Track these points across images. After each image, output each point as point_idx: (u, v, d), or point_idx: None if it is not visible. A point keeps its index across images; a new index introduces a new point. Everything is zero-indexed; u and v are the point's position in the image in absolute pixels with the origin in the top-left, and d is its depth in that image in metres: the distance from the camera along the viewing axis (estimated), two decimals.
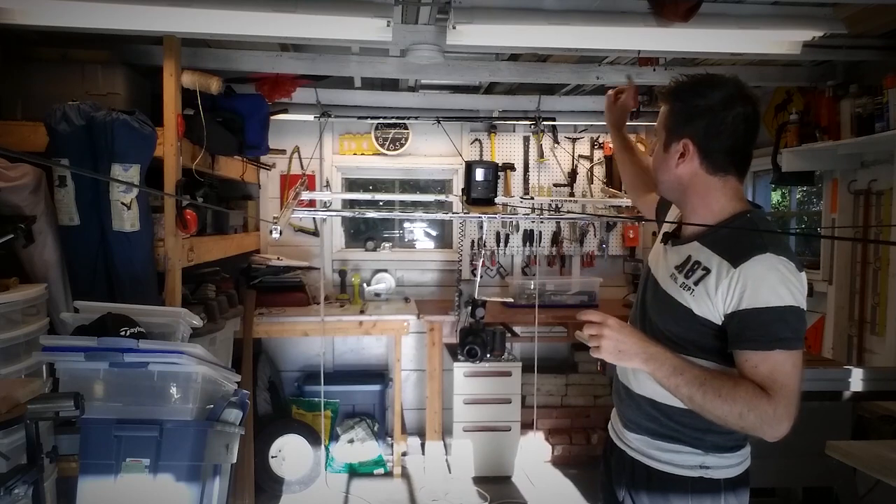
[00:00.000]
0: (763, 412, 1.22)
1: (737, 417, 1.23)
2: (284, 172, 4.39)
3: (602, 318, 1.31)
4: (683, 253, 1.42)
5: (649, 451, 1.47)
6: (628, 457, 1.51)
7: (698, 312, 1.33)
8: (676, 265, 1.42)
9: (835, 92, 3.13)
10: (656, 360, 1.29)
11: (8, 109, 2.68)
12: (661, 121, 1.45)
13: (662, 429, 1.44)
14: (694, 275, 1.36)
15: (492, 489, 3.76)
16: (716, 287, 1.30)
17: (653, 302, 1.48)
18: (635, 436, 1.50)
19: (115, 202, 2.43)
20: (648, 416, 1.46)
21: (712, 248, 1.35)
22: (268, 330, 3.81)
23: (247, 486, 3.40)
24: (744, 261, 1.27)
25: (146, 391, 1.91)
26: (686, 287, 1.36)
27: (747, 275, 1.27)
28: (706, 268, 1.34)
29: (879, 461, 1.82)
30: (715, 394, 1.24)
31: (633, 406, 1.49)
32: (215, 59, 3.08)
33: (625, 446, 1.53)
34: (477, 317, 3.78)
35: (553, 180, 4.57)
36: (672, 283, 1.41)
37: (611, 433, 1.64)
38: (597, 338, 1.30)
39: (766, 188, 4.17)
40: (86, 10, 2.33)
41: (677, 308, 1.38)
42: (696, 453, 1.41)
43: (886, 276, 3.06)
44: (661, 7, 2.38)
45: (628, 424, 1.52)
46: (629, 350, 1.30)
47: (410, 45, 2.62)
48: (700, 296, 1.33)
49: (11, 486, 1.55)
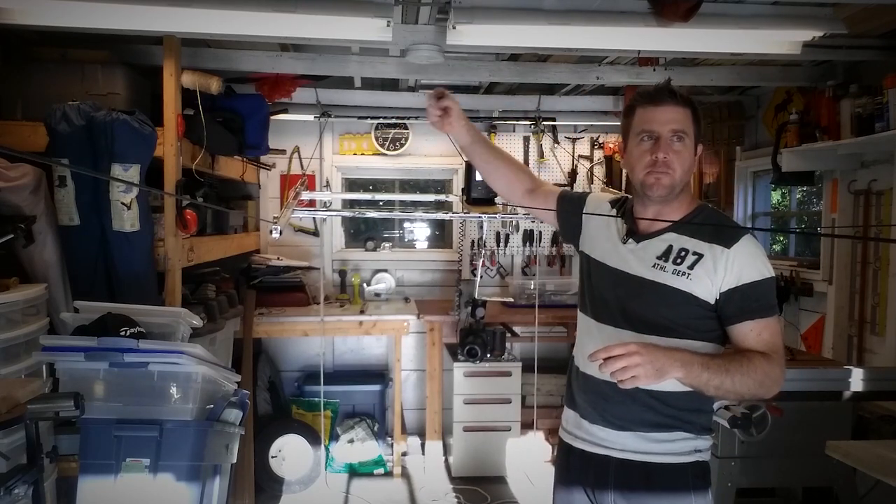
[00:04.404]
0: (775, 375, 1.37)
1: (758, 387, 1.35)
2: (284, 172, 4.39)
3: (624, 347, 1.26)
4: (659, 245, 1.48)
5: (644, 447, 1.47)
6: (614, 460, 1.49)
7: (698, 294, 1.42)
8: (658, 255, 1.47)
9: (835, 92, 3.12)
10: (688, 363, 1.30)
11: (8, 109, 2.68)
12: (683, 121, 1.46)
13: (659, 417, 1.46)
14: (685, 261, 1.44)
15: (492, 489, 3.76)
16: (714, 268, 1.41)
17: (631, 294, 1.49)
18: (627, 433, 1.48)
19: (115, 202, 2.43)
20: (645, 407, 1.46)
21: (696, 236, 1.45)
22: (268, 330, 3.81)
23: (247, 486, 3.40)
24: (734, 242, 1.41)
25: (146, 391, 1.90)
26: (680, 273, 1.43)
27: (741, 253, 1.41)
28: (697, 253, 1.43)
29: (879, 461, 1.82)
30: (740, 373, 1.33)
31: (626, 402, 1.47)
32: (215, 59, 3.08)
33: (606, 449, 1.51)
34: (477, 317, 3.79)
35: (553, 180, 4.57)
36: (659, 272, 1.46)
37: (574, 441, 1.59)
38: (627, 369, 1.24)
39: (766, 188, 4.17)
40: (86, 10, 2.33)
41: (672, 294, 1.43)
42: (690, 438, 1.47)
43: (886, 276, 3.05)
44: (661, 7, 2.38)
45: (615, 423, 1.50)
46: (664, 365, 1.28)
47: (410, 45, 2.62)
48: (698, 278, 1.42)
49: (11, 486, 1.55)
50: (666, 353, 1.29)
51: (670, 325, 1.44)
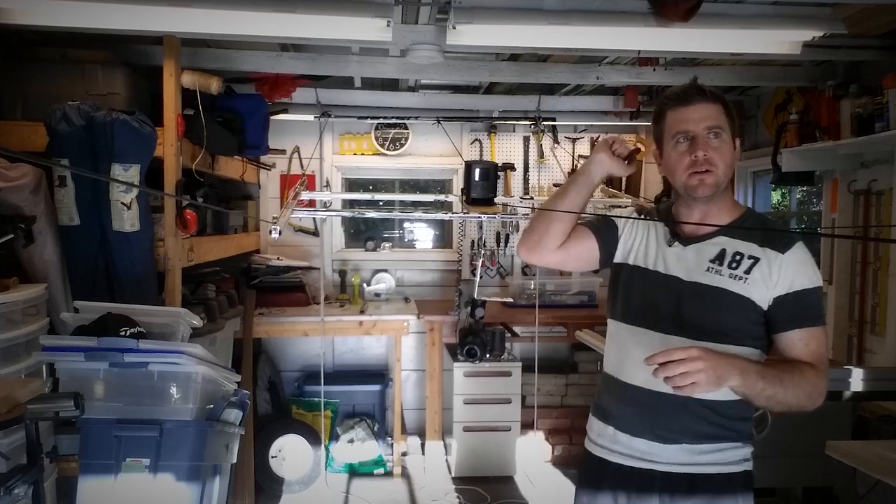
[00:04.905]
0: (822, 388, 1.35)
1: (806, 399, 1.32)
2: (284, 172, 4.39)
3: (684, 352, 1.20)
4: (711, 248, 1.44)
5: (691, 458, 1.42)
6: (660, 473, 1.44)
7: (755, 299, 1.39)
8: (711, 259, 1.43)
9: (835, 92, 3.12)
10: (746, 371, 1.25)
11: (8, 109, 2.68)
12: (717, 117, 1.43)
13: (711, 428, 1.42)
14: (741, 265, 1.40)
15: (492, 489, 3.76)
16: (769, 272, 1.38)
17: (685, 299, 1.43)
18: (674, 447, 1.43)
19: (115, 202, 2.43)
20: (698, 418, 1.41)
21: (749, 239, 1.42)
22: (268, 330, 3.81)
23: (247, 486, 3.40)
24: (789, 248, 1.39)
25: (146, 391, 1.91)
26: (737, 277, 1.40)
27: (795, 260, 1.38)
28: (753, 257, 1.40)
29: (879, 461, 1.81)
30: (793, 385, 1.30)
31: (677, 413, 1.42)
32: (215, 59, 3.08)
33: (650, 463, 1.45)
34: (477, 317, 3.79)
35: (553, 180, 4.57)
36: (714, 275, 1.41)
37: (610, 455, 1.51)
38: (687, 375, 1.18)
39: (766, 188, 4.17)
40: (86, 10, 2.33)
41: (730, 298, 1.39)
42: (739, 446, 1.44)
43: (886, 276, 3.05)
44: (661, 7, 2.38)
45: (664, 436, 1.43)
46: (724, 372, 1.22)
47: (410, 45, 2.62)
48: (755, 282, 1.39)
49: (11, 486, 1.55)
50: (727, 360, 1.23)
51: (725, 331, 1.39)
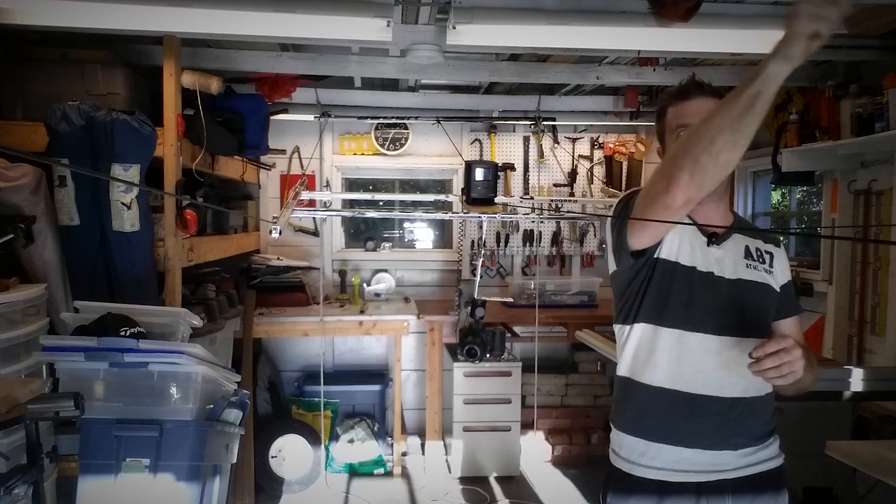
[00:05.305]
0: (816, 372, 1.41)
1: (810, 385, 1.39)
2: (284, 172, 4.39)
3: (777, 343, 1.19)
4: (735, 246, 1.48)
5: (752, 459, 1.43)
6: (729, 482, 1.41)
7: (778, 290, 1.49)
8: (744, 256, 1.48)
9: (835, 92, 3.13)
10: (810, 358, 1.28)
11: (8, 109, 2.68)
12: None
13: (765, 426, 1.46)
14: (765, 259, 1.49)
15: (492, 489, 3.76)
16: (778, 264, 1.50)
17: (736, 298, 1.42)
18: (739, 451, 1.42)
19: (115, 202, 2.43)
20: (757, 417, 1.43)
21: (753, 236, 1.51)
22: (268, 330, 3.81)
23: (247, 486, 3.40)
24: (778, 243, 1.53)
25: (146, 391, 1.91)
26: (767, 271, 1.48)
27: (784, 254, 1.52)
28: (768, 251, 1.50)
29: (879, 461, 1.81)
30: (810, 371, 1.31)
31: (743, 417, 1.41)
32: (215, 59, 3.08)
33: (719, 474, 1.41)
34: (477, 317, 3.79)
35: (553, 180, 4.57)
36: (752, 271, 1.47)
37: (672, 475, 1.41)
38: (785, 364, 1.18)
39: (766, 188, 4.17)
40: (86, 10, 2.33)
41: (768, 291, 1.47)
42: (776, 440, 1.50)
43: (886, 276, 3.05)
44: (661, 7, 2.38)
45: (735, 443, 1.41)
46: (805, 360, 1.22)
47: (410, 45, 2.62)
48: (776, 274, 1.49)
49: (11, 486, 1.55)
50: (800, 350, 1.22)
51: (767, 326, 1.46)
